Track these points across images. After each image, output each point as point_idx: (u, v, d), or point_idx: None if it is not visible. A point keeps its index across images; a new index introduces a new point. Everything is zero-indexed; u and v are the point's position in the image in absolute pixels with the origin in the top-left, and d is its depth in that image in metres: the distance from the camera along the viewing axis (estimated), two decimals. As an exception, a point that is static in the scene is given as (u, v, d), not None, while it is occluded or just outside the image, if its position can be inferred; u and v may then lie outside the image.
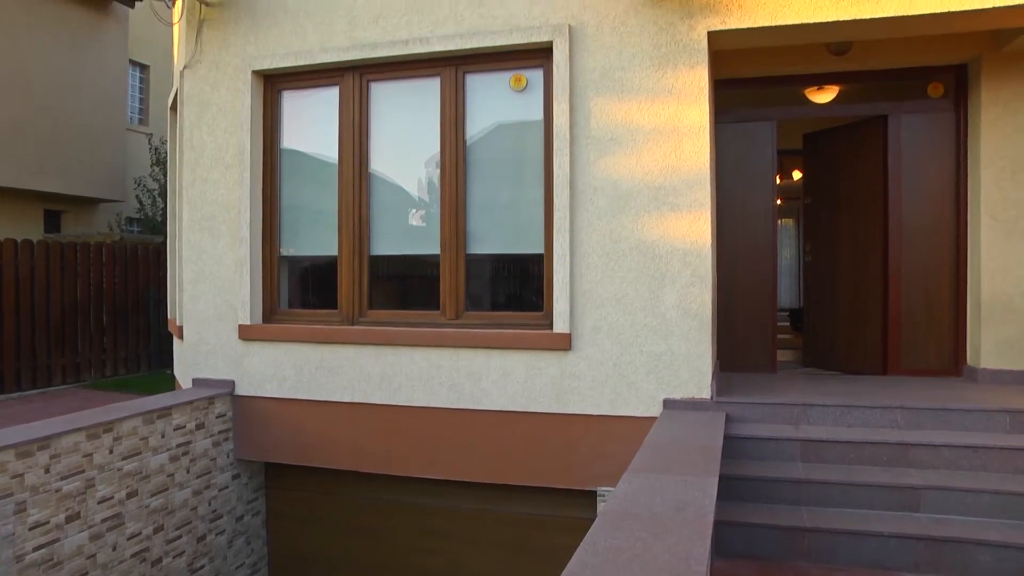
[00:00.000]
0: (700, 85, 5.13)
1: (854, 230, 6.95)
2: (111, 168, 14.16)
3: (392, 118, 6.04)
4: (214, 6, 6.39)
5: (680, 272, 5.16)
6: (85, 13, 13.60)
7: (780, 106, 6.74)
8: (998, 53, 6.02)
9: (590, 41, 5.33)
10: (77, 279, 10.14)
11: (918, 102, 6.51)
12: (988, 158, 6.07)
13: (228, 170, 6.31)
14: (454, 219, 5.78)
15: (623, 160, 5.26)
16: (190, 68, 6.48)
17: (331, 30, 6.00)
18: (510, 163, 5.73)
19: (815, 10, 4.95)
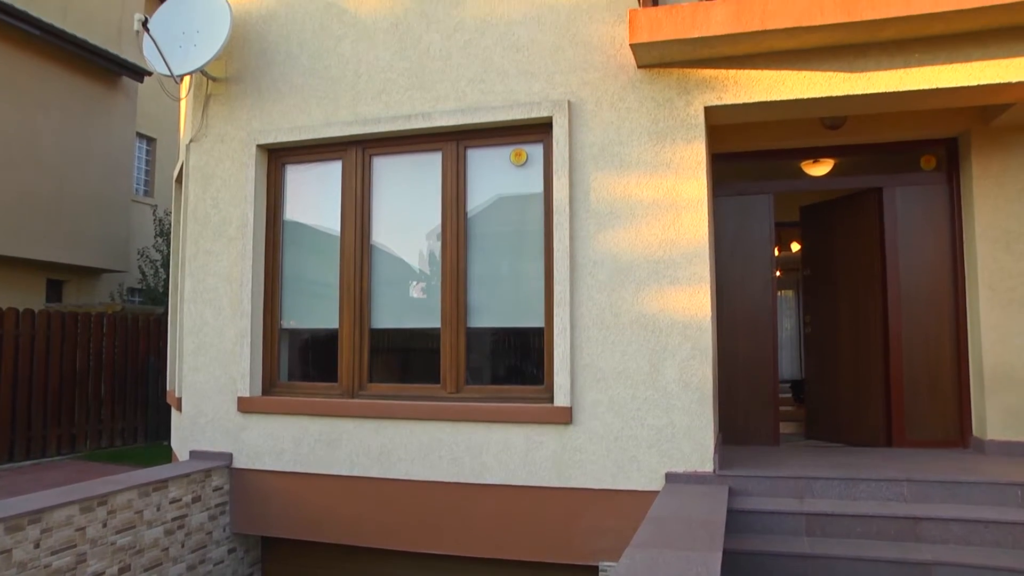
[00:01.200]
0: (698, 159, 5.22)
1: (853, 301, 6.98)
2: (115, 239, 14.29)
3: (394, 191, 6.13)
4: (221, 81, 6.54)
5: (681, 345, 5.17)
6: (96, 86, 13.92)
7: (777, 179, 6.85)
8: (986, 127, 6.16)
9: (589, 117, 5.45)
10: (77, 349, 10.13)
11: (911, 175, 6.62)
12: (982, 229, 6.15)
13: (231, 243, 6.37)
14: (455, 292, 5.81)
15: (623, 234, 5.32)
16: (196, 142, 6.59)
17: (335, 105, 6.13)
18: (511, 236, 5.78)
19: (808, 86, 5.09)
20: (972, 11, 4.58)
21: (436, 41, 5.90)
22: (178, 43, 6.25)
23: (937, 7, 4.57)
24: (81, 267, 13.83)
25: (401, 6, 6.05)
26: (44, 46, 12.83)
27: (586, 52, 5.51)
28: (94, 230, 13.80)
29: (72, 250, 13.33)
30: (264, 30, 6.44)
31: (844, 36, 4.91)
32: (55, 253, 12.99)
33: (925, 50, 4.94)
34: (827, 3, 4.73)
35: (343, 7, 6.21)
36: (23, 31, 12.25)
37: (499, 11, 5.77)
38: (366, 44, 6.10)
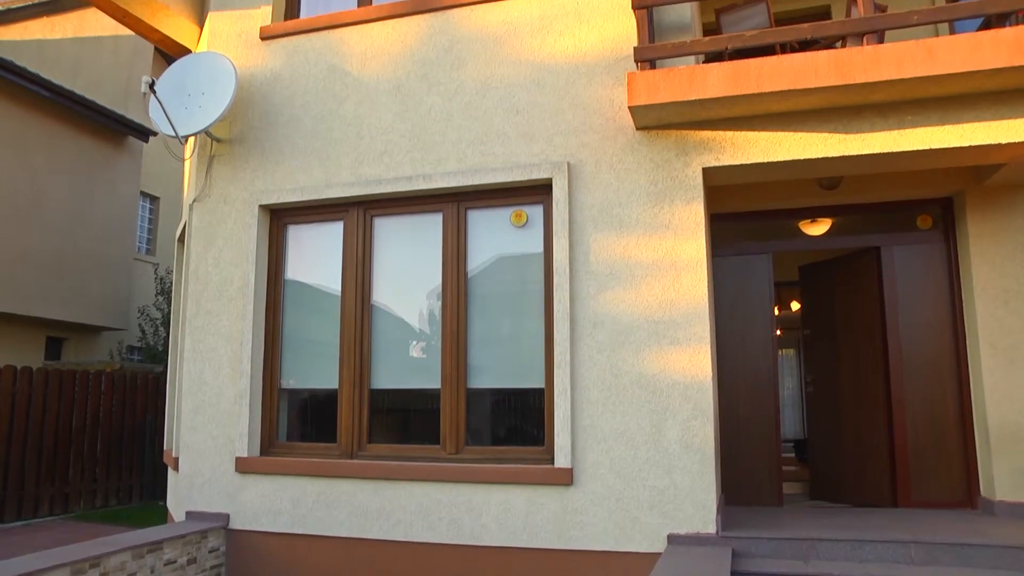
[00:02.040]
0: (696, 220, 5.27)
1: (855, 360, 6.97)
2: (116, 297, 14.32)
3: (395, 251, 6.17)
4: (225, 142, 6.64)
5: (682, 406, 5.14)
6: (103, 146, 14.13)
7: (775, 239, 6.90)
8: (980, 187, 6.24)
9: (588, 178, 5.52)
10: (74, 407, 10.05)
11: (909, 234, 6.67)
12: (981, 287, 6.17)
13: (232, 302, 6.38)
14: (455, 352, 5.80)
15: (623, 294, 5.33)
16: (199, 201, 6.66)
17: (337, 166, 6.21)
18: (511, 296, 5.80)
19: (805, 147, 5.16)
20: (959, 75, 4.68)
21: (437, 103, 6.01)
22: (183, 105, 6.36)
23: (926, 71, 4.67)
24: (81, 325, 13.82)
25: (403, 69, 6.17)
26: (54, 107, 13.07)
27: (585, 114, 5.61)
28: (96, 288, 13.85)
29: (73, 308, 13.35)
30: (268, 92, 6.56)
31: (838, 98, 5.01)
32: (56, 311, 13.01)
33: (917, 112, 5.04)
34: (821, 66, 4.83)
35: (346, 70, 6.34)
36: (34, 92, 12.49)
37: (499, 74, 5.89)
38: (368, 106, 6.21)
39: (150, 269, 15.56)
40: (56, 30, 13.87)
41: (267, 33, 6.67)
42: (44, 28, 13.66)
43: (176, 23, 7.19)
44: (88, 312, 13.68)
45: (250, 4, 6.84)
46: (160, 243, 16.46)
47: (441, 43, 6.11)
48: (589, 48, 5.71)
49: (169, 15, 7.04)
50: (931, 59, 4.67)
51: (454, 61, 6.04)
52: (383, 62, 6.25)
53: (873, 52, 4.77)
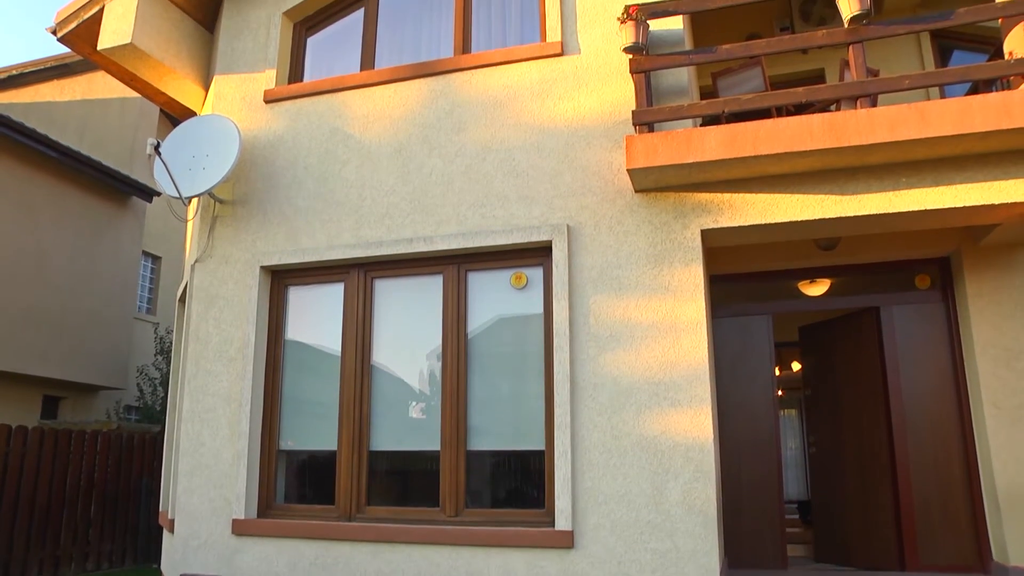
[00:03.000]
0: (696, 282, 5.29)
1: (857, 421, 6.92)
2: (115, 356, 14.28)
3: (395, 312, 6.18)
4: (227, 204, 6.70)
5: (683, 468, 5.09)
6: (107, 206, 14.26)
7: (775, 300, 6.92)
8: (976, 246, 6.28)
9: (588, 240, 5.56)
10: (68, 467, 9.92)
11: (907, 293, 6.69)
12: (982, 347, 6.16)
13: (231, 363, 6.37)
14: (455, 414, 5.77)
15: (623, 356, 5.33)
16: (201, 262, 6.69)
17: (338, 228, 6.26)
18: (511, 357, 5.79)
19: (802, 209, 5.21)
20: (951, 138, 4.74)
21: (438, 166, 6.09)
22: (188, 166, 6.44)
23: (919, 134, 4.74)
24: (79, 384, 13.76)
25: (404, 132, 6.28)
26: (60, 167, 13.23)
27: (584, 177, 5.68)
28: (95, 347, 13.82)
29: (71, 367, 13.31)
30: (271, 155, 6.65)
31: (834, 160, 5.07)
32: (54, 369, 12.96)
33: (912, 173, 5.10)
34: (816, 129, 4.91)
35: (348, 132, 6.45)
36: (42, 152, 12.66)
37: (499, 137, 5.98)
38: (370, 169, 6.30)
39: (150, 328, 15.55)
40: (66, 92, 14.14)
41: (271, 96, 6.80)
42: (54, 91, 13.94)
43: (182, 86, 7.35)
44: (86, 371, 13.64)
45: (255, 68, 6.99)
46: (161, 303, 16.48)
47: (442, 106, 6.23)
48: (588, 112, 5.81)
49: (175, 78, 7.19)
50: (923, 122, 4.75)
51: (455, 124, 6.15)
52: (385, 125, 6.36)
53: (867, 115, 4.85)
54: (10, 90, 13.22)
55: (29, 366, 12.49)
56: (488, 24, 6.58)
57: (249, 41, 7.11)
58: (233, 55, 7.12)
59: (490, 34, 6.54)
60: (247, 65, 7.03)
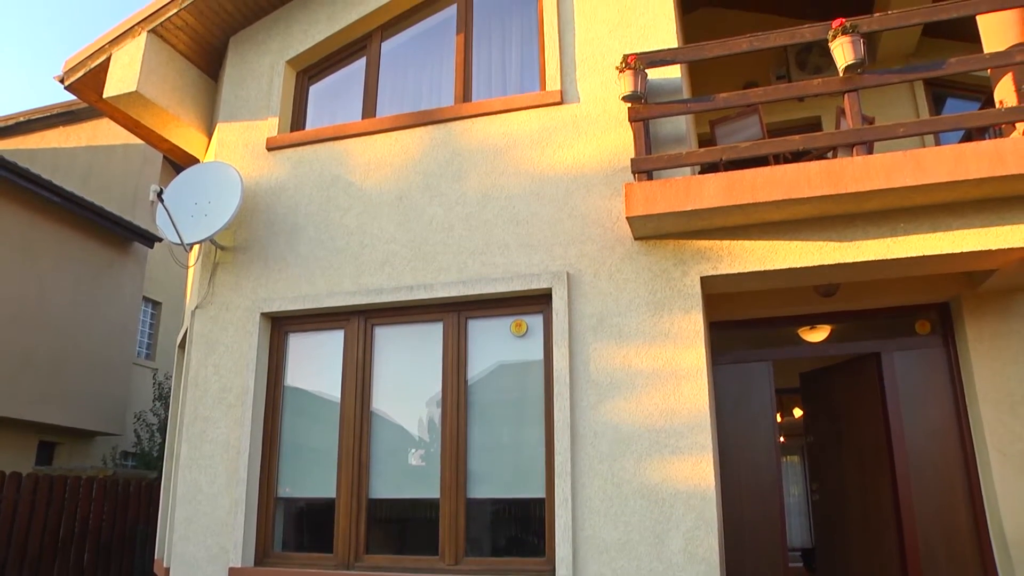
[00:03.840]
0: (696, 329, 5.29)
1: (860, 467, 6.86)
2: (113, 402, 14.22)
3: (395, 359, 6.16)
4: (229, 250, 6.73)
5: (685, 516, 5.03)
6: (109, 251, 14.32)
7: (775, 346, 6.91)
8: (975, 292, 6.29)
9: (588, 288, 5.57)
10: (63, 514, 9.81)
11: (908, 339, 6.68)
12: (984, 393, 6.13)
13: (230, 409, 6.34)
14: (455, 461, 5.73)
15: (623, 404, 5.30)
16: (201, 308, 6.70)
17: (339, 275, 6.28)
18: (511, 404, 5.77)
19: (801, 255, 5.23)
20: (946, 184, 4.77)
21: (439, 214, 6.13)
22: (190, 213, 6.48)
23: (915, 180, 4.77)
24: (76, 429, 13.66)
25: (405, 180, 6.33)
26: (63, 212, 13.33)
27: (584, 225, 5.72)
28: (93, 392, 13.76)
29: (68, 412, 13.23)
30: (273, 202, 6.70)
31: (831, 207, 5.10)
32: (51, 415, 12.89)
33: (909, 220, 5.12)
34: (813, 176, 4.94)
35: (349, 180, 6.50)
36: (45, 198, 12.76)
37: (500, 185, 6.03)
38: (371, 216, 6.34)
39: (149, 374, 15.50)
40: (71, 139, 14.30)
41: (273, 144, 6.87)
42: (60, 137, 14.10)
43: (185, 133, 7.44)
44: (83, 416, 13.56)
45: (258, 115, 7.08)
46: (160, 348, 16.46)
47: (443, 155, 6.29)
48: (587, 160, 5.87)
49: (179, 125, 7.28)
50: (919, 169, 4.79)
51: (455, 172, 6.21)
52: (386, 173, 6.41)
53: (863, 162, 4.89)
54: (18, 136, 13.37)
55: (26, 411, 12.42)
56: (488, 73, 6.69)
57: (252, 89, 7.21)
58: (236, 103, 7.21)
59: (490, 82, 6.64)
60: (250, 113, 7.12)
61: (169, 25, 6.98)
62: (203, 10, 7.05)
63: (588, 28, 6.25)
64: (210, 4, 7.03)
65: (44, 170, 13.04)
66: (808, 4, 9.04)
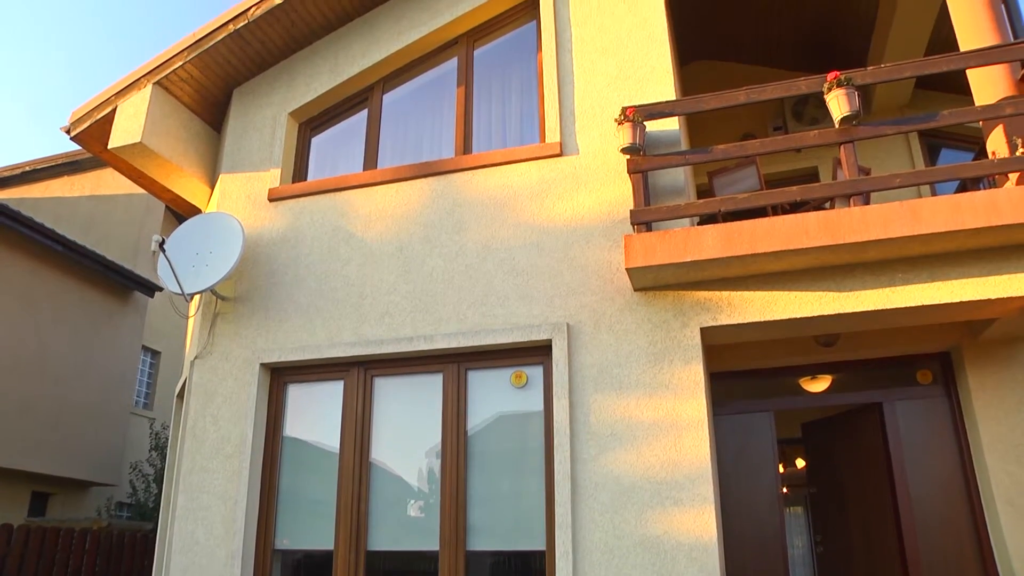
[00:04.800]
0: (696, 380, 5.28)
1: (864, 518, 6.78)
2: (109, 451, 14.09)
3: (394, 410, 6.13)
4: (229, 301, 6.74)
5: (687, 568, 4.95)
6: (109, 300, 14.34)
7: (776, 396, 6.88)
8: (975, 341, 6.28)
9: (588, 339, 5.57)
10: (54, 568, 9.64)
11: (910, 389, 6.65)
12: (989, 443, 6.08)
13: (228, 460, 6.28)
14: (454, 513, 5.66)
15: (624, 455, 5.26)
16: (200, 358, 6.68)
17: (339, 326, 6.28)
18: (511, 455, 5.72)
19: (800, 306, 5.24)
20: (943, 235, 4.79)
21: (439, 265, 6.16)
22: (191, 263, 6.51)
23: (912, 231, 4.79)
24: (70, 479, 13.52)
25: (406, 231, 6.37)
26: (65, 260, 13.38)
27: (584, 276, 5.74)
28: (89, 442, 13.65)
29: (63, 462, 13.10)
30: (274, 252, 6.73)
31: (830, 258, 5.12)
32: (46, 464, 12.76)
33: (908, 269, 5.14)
34: (811, 227, 4.97)
35: (350, 231, 6.54)
36: (47, 246, 12.82)
37: (500, 236, 6.07)
38: (371, 267, 6.36)
39: (146, 424, 15.40)
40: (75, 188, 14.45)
41: (275, 195, 6.93)
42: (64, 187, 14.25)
43: (188, 184, 7.50)
44: (79, 466, 13.42)
45: (260, 167, 7.15)
46: (158, 398, 16.38)
47: (443, 206, 6.34)
48: (587, 211, 5.92)
49: (182, 176, 7.35)
50: (916, 219, 4.82)
51: (456, 224, 6.25)
52: (387, 224, 6.46)
53: (860, 213, 4.92)
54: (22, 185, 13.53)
55: (20, 461, 12.30)
56: (489, 125, 6.78)
57: (255, 140, 7.29)
58: (239, 154, 7.29)
59: (491, 134, 6.73)
60: (252, 164, 7.19)
61: (174, 77, 7.10)
62: (207, 63, 7.18)
63: (587, 81, 6.35)
64: (214, 57, 7.16)
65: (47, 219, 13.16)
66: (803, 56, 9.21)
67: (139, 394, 16.00)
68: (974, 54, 5.14)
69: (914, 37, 7.77)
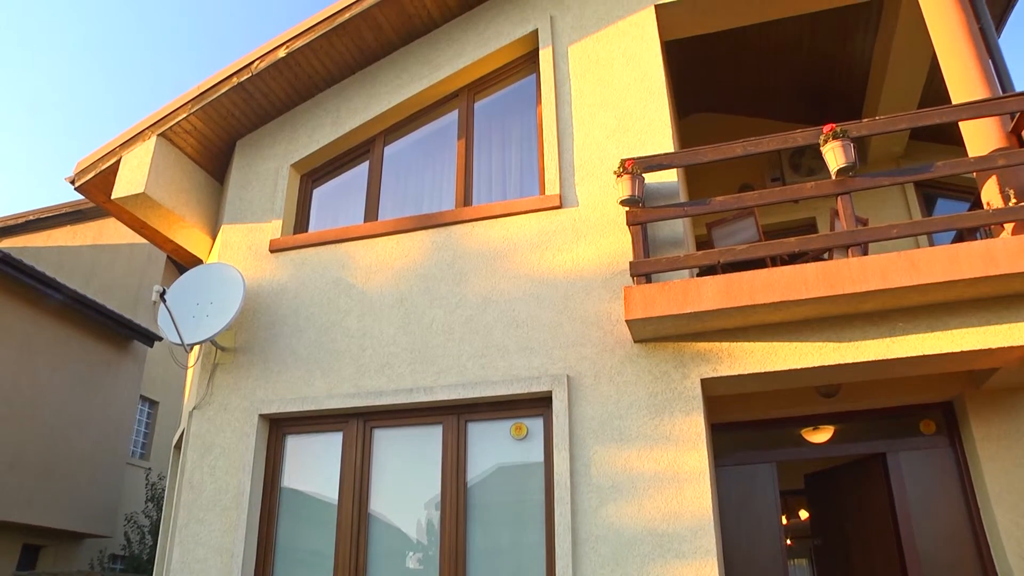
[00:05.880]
0: (697, 431, 5.24)
1: (870, 571, 6.67)
2: (104, 503, 13.92)
3: (393, 462, 6.08)
4: (229, 351, 6.73)
5: (692, 627, 4.87)
6: (108, 349, 14.31)
7: (778, 447, 6.82)
8: (978, 391, 6.24)
9: (588, 391, 5.55)
10: (46, 624, 9.50)
11: (913, 439, 6.59)
12: (997, 496, 5.99)
13: (225, 512, 6.21)
14: (453, 565, 5.57)
15: (625, 508, 5.21)
16: (199, 409, 6.65)
17: (339, 377, 6.26)
18: (511, 507, 5.66)
19: (800, 357, 5.23)
20: (941, 284, 4.79)
21: (439, 317, 6.16)
22: (192, 313, 6.52)
23: (910, 281, 4.79)
24: (63, 531, 13.32)
25: (406, 283, 6.39)
26: (65, 310, 13.39)
27: (584, 328, 5.74)
28: (83, 492, 13.49)
29: (55, 513, 12.93)
30: (275, 302, 6.74)
31: (829, 308, 5.13)
32: (39, 516, 12.59)
33: (908, 319, 5.14)
34: (810, 278, 4.98)
35: (351, 283, 6.56)
36: (47, 295, 12.84)
37: (500, 288, 6.08)
38: (371, 319, 6.36)
39: (142, 474, 15.25)
40: (77, 237, 14.52)
41: (276, 246, 6.97)
42: (67, 236, 14.32)
43: (190, 234, 7.54)
44: (72, 518, 13.24)
45: (262, 218, 7.20)
46: (155, 448, 16.25)
47: (444, 258, 6.37)
48: (587, 263, 5.94)
49: (184, 227, 7.39)
50: (914, 270, 4.83)
51: (456, 275, 6.27)
52: (387, 275, 6.48)
53: (859, 264, 4.94)
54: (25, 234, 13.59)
55: (11, 512, 12.14)
56: (489, 177, 6.85)
57: (257, 192, 7.36)
58: (241, 205, 7.35)
59: (491, 186, 6.79)
60: (254, 215, 7.24)
61: (178, 129, 7.19)
62: (211, 115, 7.28)
63: (587, 133, 6.43)
64: (218, 109, 7.26)
65: (49, 267, 13.19)
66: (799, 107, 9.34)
67: (136, 444, 15.86)
68: (966, 107, 5.21)
69: (908, 87, 7.89)
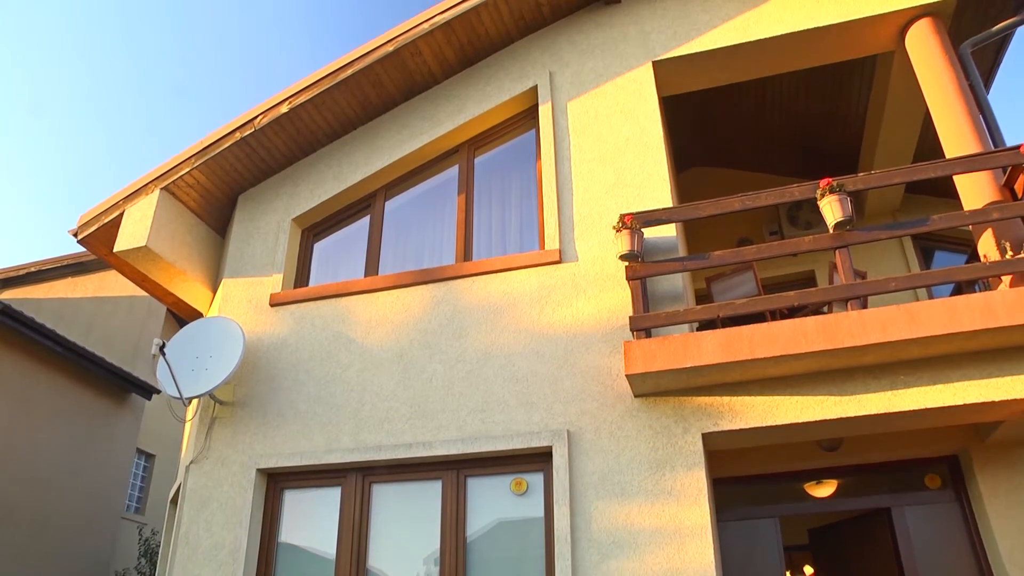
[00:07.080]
0: (698, 486, 5.19)
1: (880, 631, 6.53)
2: (96, 558, 13.66)
3: (392, 517, 6.00)
4: (228, 405, 6.69)
5: None
6: (106, 402, 14.21)
7: (782, 502, 6.73)
8: (983, 445, 6.17)
9: (588, 446, 5.51)
10: None
11: (918, 493, 6.50)
12: (1007, 552, 5.86)
13: (221, 568, 6.11)
14: (453, 628, 5.47)
15: (626, 563, 5.12)
16: (196, 463, 6.59)
17: (338, 432, 6.22)
18: (511, 562, 5.57)
19: (802, 410, 5.20)
20: (941, 337, 4.79)
21: (439, 372, 6.15)
22: (191, 367, 6.50)
23: (910, 334, 4.79)
24: (52, 590, 13.07)
25: (406, 337, 6.38)
26: (63, 362, 13.32)
27: (584, 382, 5.72)
28: (76, 547, 13.25)
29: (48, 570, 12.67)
30: (274, 356, 6.73)
31: (830, 362, 5.11)
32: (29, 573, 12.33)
33: (909, 372, 5.12)
34: (810, 331, 4.97)
35: (350, 337, 6.56)
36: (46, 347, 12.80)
37: (499, 343, 6.08)
38: (371, 373, 6.35)
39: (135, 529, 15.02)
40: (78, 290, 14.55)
41: (276, 300, 6.98)
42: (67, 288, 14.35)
43: (191, 288, 7.56)
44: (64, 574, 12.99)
45: (262, 272, 7.23)
46: (151, 502, 16.03)
47: (444, 312, 6.37)
48: (586, 318, 5.94)
49: (185, 280, 7.42)
50: (913, 322, 4.83)
51: (456, 330, 6.27)
52: (387, 330, 6.48)
53: (858, 317, 4.94)
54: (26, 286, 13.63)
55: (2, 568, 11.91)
56: (489, 231, 6.89)
57: (258, 246, 7.40)
58: (242, 259, 7.38)
59: (491, 241, 6.83)
60: (255, 269, 7.27)
61: (181, 183, 7.27)
62: (214, 169, 7.36)
63: (586, 188, 6.49)
64: (221, 164, 7.35)
65: (49, 319, 13.19)
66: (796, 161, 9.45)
67: (131, 498, 15.67)
68: (959, 161, 5.27)
69: (903, 141, 7.98)
